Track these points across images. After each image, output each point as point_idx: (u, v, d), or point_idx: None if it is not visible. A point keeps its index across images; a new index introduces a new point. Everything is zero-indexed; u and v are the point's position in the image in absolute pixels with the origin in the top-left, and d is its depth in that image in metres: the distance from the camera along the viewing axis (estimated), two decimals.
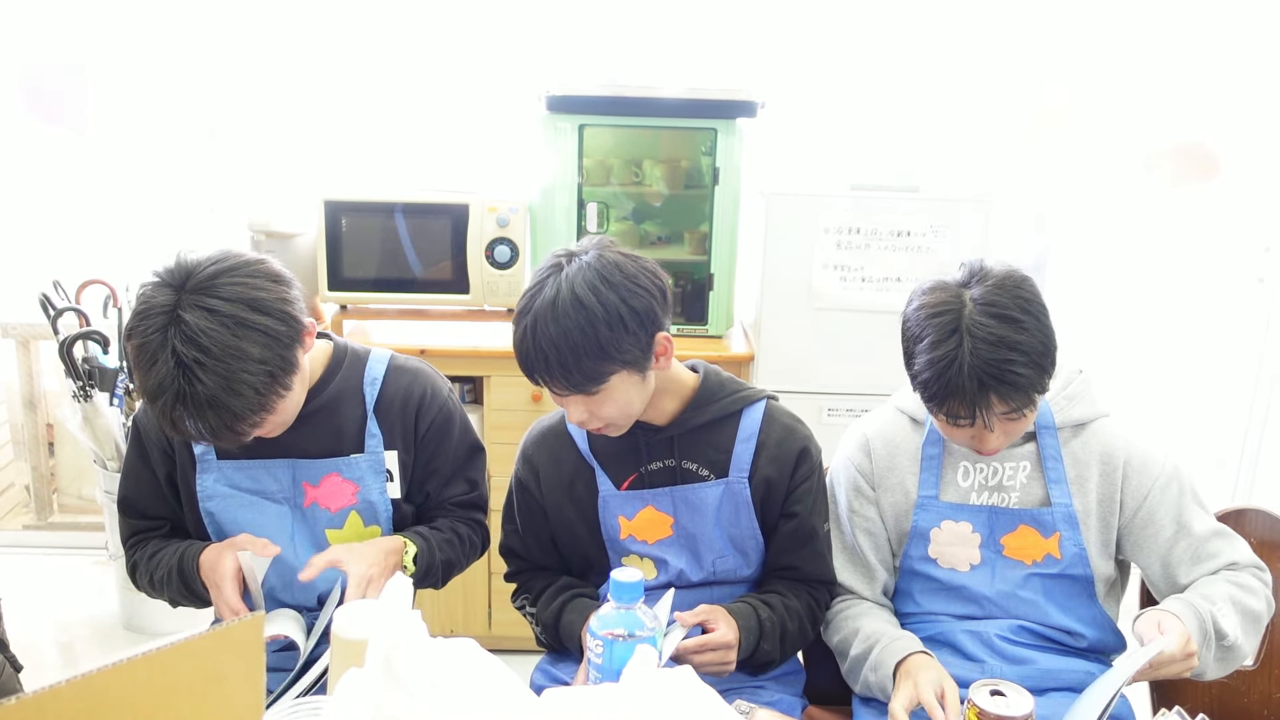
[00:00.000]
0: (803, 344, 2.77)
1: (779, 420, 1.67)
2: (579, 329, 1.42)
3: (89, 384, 2.82)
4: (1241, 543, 1.63)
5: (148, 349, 1.37)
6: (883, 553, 1.71)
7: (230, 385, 1.36)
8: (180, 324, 1.35)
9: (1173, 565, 1.61)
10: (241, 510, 1.63)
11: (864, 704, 1.66)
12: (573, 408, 1.52)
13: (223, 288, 1.38)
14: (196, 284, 1.38)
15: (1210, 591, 1.54)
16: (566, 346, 1.42)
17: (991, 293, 1.47)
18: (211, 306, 1.36)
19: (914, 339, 1.52)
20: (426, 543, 1.66)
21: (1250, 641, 1.55)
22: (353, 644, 1.23)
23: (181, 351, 1.34)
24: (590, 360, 1.43)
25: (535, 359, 1.46)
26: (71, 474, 3.70)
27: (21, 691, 1.25)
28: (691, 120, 2.81)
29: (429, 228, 2.84)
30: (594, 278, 1.44)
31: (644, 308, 1.47)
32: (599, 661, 1.29)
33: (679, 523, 1.65)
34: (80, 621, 3.19)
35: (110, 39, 3.21)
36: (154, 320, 1.37)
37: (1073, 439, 1.63)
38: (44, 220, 3.39)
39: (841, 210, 2.69)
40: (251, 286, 1.40)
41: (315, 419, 1.63)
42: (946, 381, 1.45)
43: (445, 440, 1.73)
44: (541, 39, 3.14)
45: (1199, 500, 1.64)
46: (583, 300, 1.43)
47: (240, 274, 1.40)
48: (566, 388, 1.47)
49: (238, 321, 1.37)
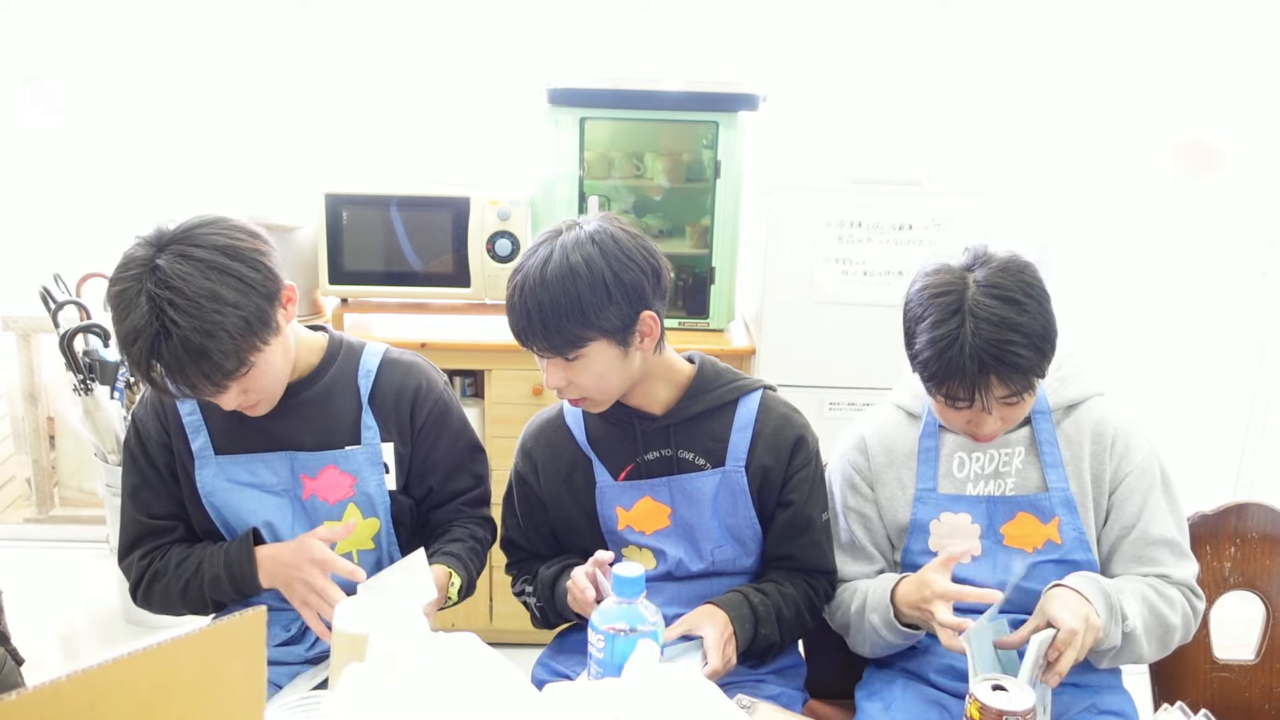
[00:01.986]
0: (804, 338, 2.77)
1: (775, 409, 1.68)
2: (564, 290, 1.46)
3: (90, 377, 2.82)
4: (1190, 565, 1.60)
5: (125, 296, 1.40)
6: (882, 547, 1.71)
7: (204, 327, 1.38)
8: (156, 270, 1.39)
9: (1114, 554, 1.60)
10: (243, 504, 1.63)
11: (867, 697, 1.66)
12: (552, 371, 1.55)
13: (199, 236, 1.42)
14: (174, 236, 1.43)
15: (1121, 584, 1.53)
16: (550, 306, 1.46)
17: (995, 275, 1.47)
18: (188, 253, 1.40)
19: (915, 319, 1.52)
20: (466, 569, 1.67)
21: (1152, 645, 1.53)
22: (354, 639, 1.23)
23: (156, 294, 1.37)
24: (570, 323, 1.47)
25: (520, 316, 1.50)
26: (72, 467, 3.70)
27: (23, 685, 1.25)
28: (693, 113, 2.81)
29: (430, 221, 2.83)
30: (588, 245, 1.48)
31: (632, 281, 1.50)
32: (601, 656, 1.29)
33: (676, 513, 1.65)
34: (81, 615, 3.19)
35: (112, 31, 3.21)
36: (132, 270, 1.40)
37: (1065, 419, 1.63)
38: (45, 213, 3.39)
39: (843, 204, 2.68)
40: (228, 236, 1.44)
41: (310, 410, 1.63)
42: (947, 361, 1.46)
43: (443, 433, 1.73)
44: (543, 32, 3.13)
45: (1171, 503, 1.62)
46: (572, 264, 1.47)
47: (217, 226, 1.45)
48: (546, 348, 1.51)
49: (211, 266, 1.40)
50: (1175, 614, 1.55)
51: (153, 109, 3.26)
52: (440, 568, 1.62)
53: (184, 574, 1.62)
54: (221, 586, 1.59)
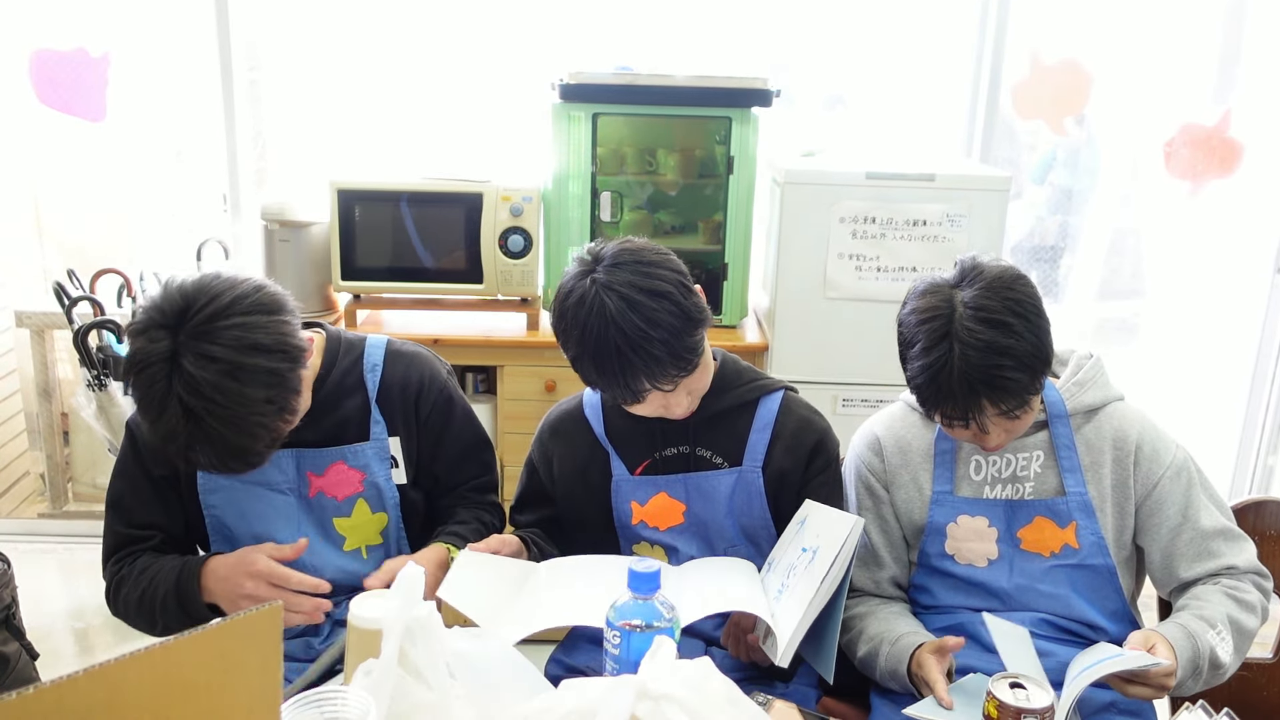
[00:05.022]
0: (817, 334, 2.75)
1: (796, 411, 1.67)
2: (666, 311, 1.44)
3: (103, 373, 2.83)
4: (1248, 546, 1.61)
5: (153, 399, 1.36)
6: (897, 549, 1.70)
7: (240, 428, 1.37)
8: (182, 374, 1.34)
9: (1174, 557, 1.60)
10: (247, 502, 1.62)
11: (881, 696, 1.65)
12: (675, 400, 1.53)
13: (220, 333, 1.36)
14: (194, 329, 1.36)
15: (1210, 613, 1.52)
16: (666, 329, 1.44)
17: (981, 296, 1.45)
18: (212, 354, 1.35)
19: (907, 343, 1.52)
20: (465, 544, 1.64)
21: (1239, 660, 1.54)
22: (368, 634, 1.23)
23: (188, 401, 1.34)
24: (688, 337, 1.47)
25: (636, 358, 1.44)
26: (86, 462, 3.71)
27: (38, 680, 1.25)
28: (706, 109, 2.80)
29: (442, 217, 2.83)
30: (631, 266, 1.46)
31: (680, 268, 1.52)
32: (616, 652, 1.29)
33: (691, 510, 1.65)
34: (95, 609, 3.20)
35: (125, 27, 3.21)
36: (155, 369, 1.35)
37: (1085, 424, 1.62)
38: (59, 210, 3.40)
39: (857, 199, 2.67)
40: (249, 328, 1.38)
41: (318, 411, 1.62)
42: (938, 386, 1.46)
43: (448, 422, 1.73)
44: (555, 27, 3.13)
45: (1210, 495, 1.62)
46: (650, 288, 1.45)
47: (236, 313, 1.38)
48: (678, 371, 1.47)
49: (240, 368, 1.36)
50: (1255, 617, 1.55)
51: (166, 104, 3.27)
52: (439, 545, 1.62)
53: (140, 584, 1.60)
54: (169, 605, 1.56)
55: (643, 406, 1.54)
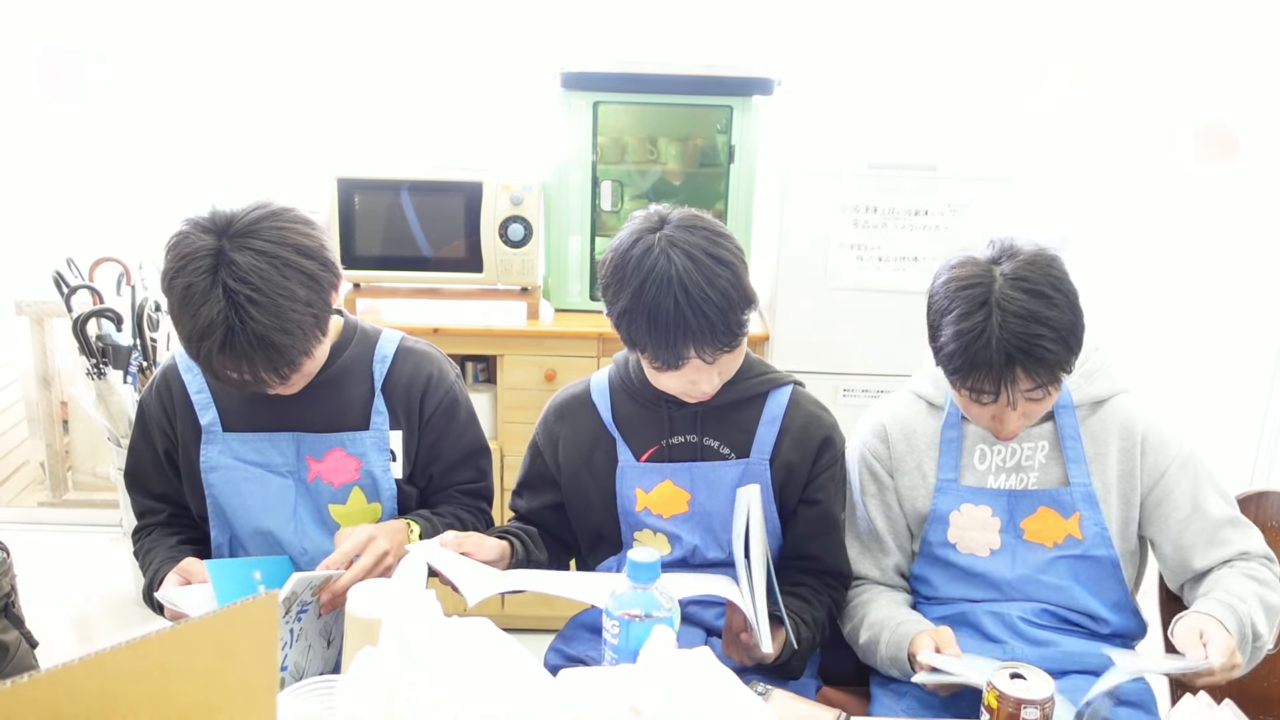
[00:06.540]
0: (819, 324, 2.75)
1: (804, 406, 1.67)
2: (726, 279, 1.44)
3: (103, 361, 2.83)
4: (1255, 532, 1.62)
5: (196, 289, 1.37)
6: (900, 537, 1.70)
7: (281, 324, 1.39)
8: (230, 264, 1.37)
9: (1186, 547, 1.60)
10: (244, 483, 1.63)
11: (881, 686, 1.65)
12: (706, 377, 1.51)
13: (266, 231, 1.41)
14: (240, 229, 1.41)
15: (1239, 589, 1.52)
16: (725, 296, 1.44)
17: (1023, 268, 1.45)
18: (259, 248, 1.39)
19: (941, 311, 1.50)
20: (431, 525, 1.65)
21: (1272, 635, 1.55)
22: (367, 623, 1.23)
23: (234, 289, 1.36)
24: (742, 309, 1.47)
25: (693, 317, 1.43)
26: (86, 451, 3.71)
27: (37, 668, 1.25)
28: (707, 98, 2.79)
29: (442, 206, 2.82)
30: (702, 232, 1.47)
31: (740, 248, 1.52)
32: (615, 642, 1.29)
33: (696, 499, 1.64)
34: (95, 598, 3.21)
35: (124, 16, 3.20)
36: (201, 261, 1.38)
37: (1090, 416, 1.62)
38: (57, 198, 3.39)
39: (859, 189, 2.66)
40: (293, 231, 1.44)
41: (321, 392, 1.62)
42: (974, 354, 1.44)
43: (450, 424, 1.73)
44: (557, 15, 3.11)
45: (1216, 485, 1.63)
46: (717, 255, 1.45)
47: (281, 219, 1.44)
48: (724, 343, 1.47)
49: (284, 263, 1.40)
50: (1276, 594, 1.55)
51: (167, 94, 3.26)
52: (400, 520, 1.63)
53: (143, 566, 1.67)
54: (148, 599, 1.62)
55: (673, 376, 1.51)
